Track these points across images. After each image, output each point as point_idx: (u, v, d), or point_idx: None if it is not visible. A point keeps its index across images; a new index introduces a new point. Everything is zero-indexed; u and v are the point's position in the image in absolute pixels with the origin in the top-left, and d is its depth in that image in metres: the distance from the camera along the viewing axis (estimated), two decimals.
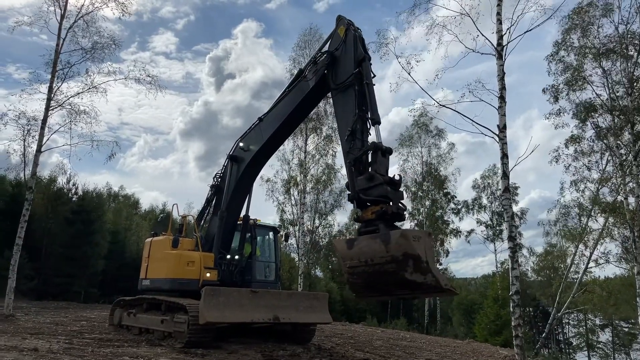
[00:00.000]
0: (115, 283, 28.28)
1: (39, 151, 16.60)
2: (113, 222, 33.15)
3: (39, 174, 24.07)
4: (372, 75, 8.69)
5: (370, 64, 8.83)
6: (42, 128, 16.67)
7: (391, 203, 7.05)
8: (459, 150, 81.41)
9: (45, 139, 16.73)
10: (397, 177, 7.32)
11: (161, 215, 28.11)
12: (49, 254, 26.85)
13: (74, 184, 30.02)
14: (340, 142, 8.54)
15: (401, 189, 7.35)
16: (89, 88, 17.58)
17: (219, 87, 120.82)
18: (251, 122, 11.73)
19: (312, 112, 20.20)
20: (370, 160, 7.55)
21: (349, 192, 7.53)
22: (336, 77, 9.10)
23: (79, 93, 17.43)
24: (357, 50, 8.83)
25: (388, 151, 7.58)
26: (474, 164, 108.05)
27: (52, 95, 16.93)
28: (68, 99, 17.34)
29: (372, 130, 8.12)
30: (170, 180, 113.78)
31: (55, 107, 17.11)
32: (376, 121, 8.03)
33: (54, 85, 17.03)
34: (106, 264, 28.94)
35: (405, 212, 7.26)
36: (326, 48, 9.81)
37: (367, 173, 7.32)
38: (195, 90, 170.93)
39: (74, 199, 29.88)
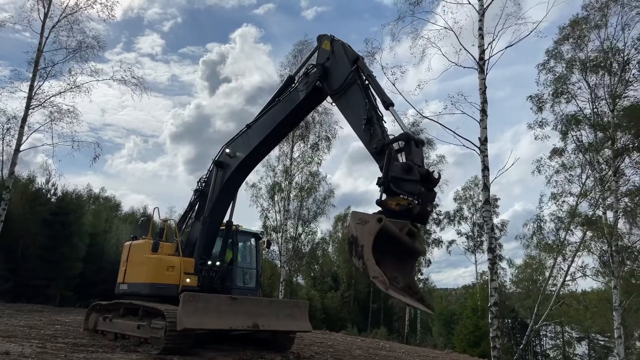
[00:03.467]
0: (92, 287, 27.75)
1: (17, 150, 16.37)
2: (92, 224, 32.60)
3: (17, 174, 23.64)
4: (370, 70, 8.64)
5: (365, 62, 8.79)
6: (22, 127, 16.46)
7: (419, 203, 6.57)
8: (448, 162, 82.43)
9: (24, 138, 16.49)
10: (435, 175, 6.80)
11: (141, 218, 27.78)
12: (26, 255, 26.28)
13: (53, 185, 29.52)
14: (359, 137, 8.10)
15: (435, 189, 6.89)
16: (72, 87, 17.39)
17: (213, 90, 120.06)
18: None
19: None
20: (403, 150, 7.15)
21: (379, 177, 6.95)
22: (332, 84, 8.97)
23: (60, 92, 17.26)
24: (349, 53, 8.84)
25: (421, 142, 7.30)
26: (462, 175, 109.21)
27: (33, 94, 16.70)
28: (49, 98, 17.15)
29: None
30: (157, 183, 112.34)
31: (36, 106, 16.90)
32: (389, 103, 7.89)
33: (36, 83, 16.82)
34: (84, 267, 28.42)
35: (430, 216, 6.88)
36: (312, 62, 9.75)
37: (405, 163, 6.85)
38: (180, 93, 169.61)
39: (52, 199, 29.35)
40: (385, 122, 8.02)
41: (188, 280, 10.84)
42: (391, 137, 7.61)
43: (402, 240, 6.36)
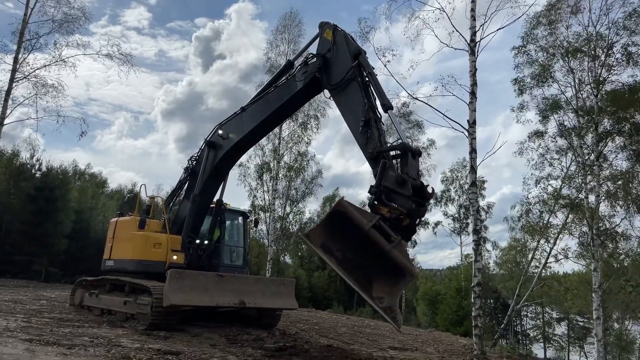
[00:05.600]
0: (78, 263, 27.68)
1: (0, 124, 16.02)
2: (78, 200, 32.33)
3: (1, 148, 23.27)
4: (372, 67, 8.38)
5: (367, 57, 8.50)
6: (6, 100, 16.11)
7: (409, 217, 6.56)
8: (440, 145, 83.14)
9: (8, 111, 16.17)
10: (429, 189, 6.75)
11: (128, 195, 27.66)
12: (10, 231, 26.06)
13: (37, 160, 29.11)
14: (354, 137, 7.93)
15: (428, 204, 6.86)
16: (57, 61, 17.03)
17: (206, 67, 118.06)
18: (237, 106, 11.29)
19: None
20: (399, 158, 7.09)
21: (372, 186, 6.90)
22: (332, 78, 8.70)
23: (45, 65, 16.89)
24: (351, 46, 8.55)
25: (418, 153, 7.14)
26: (453, 157, 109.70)
27: (18, 67, 16.33)
28: (34, 70, 16.78)
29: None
30: (148, 160, 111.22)
31: (21, 79, 16.54)
32: (388, 106, 7.70)
33: (20, 56, 16.42)
34: (69, 243, 28.28)
35: (415, 233, 6.82)
36: (308, 52, 9.52)
37: (399, 175, 6.75)
38: (168, 69, 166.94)
39: (37, 175, 28.99)
40: (383, 124, 7.90)
41: (175, 257, 10.87)
42: (388, 144, 7.54)
43: (369, 234, 6.33)
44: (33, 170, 29.00)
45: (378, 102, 7.89)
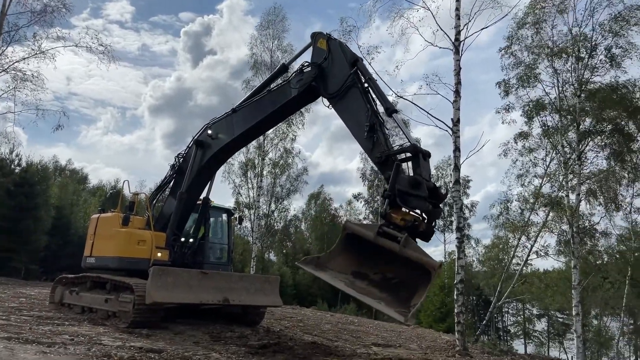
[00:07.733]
0: (58, 260, 27.22)
1: None
2: (58, 196, 31.81)
3: None
4: (370, 73, 8.38)
5: (364, 64, 8.49)
6: None
7: (425, 220, 6.62)
8: (427, 143, 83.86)
9: None
10: (442, 191, 6.85)
11: (110, 192, 27.30)
12: None
13: (17, 155, 28.51)
14: (359, 144, 7.93)
15: (441, 206, 6.93)
16: (36, 53, 16.72)
17: (195, 63, 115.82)
18: (227, 102, 11.22)
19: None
20: (409, 160, 7.08)
21: (386, 188, 6.87)
22: (329, 87, 8.63)
23: (25, 58, 16.57)
24: (348, 54, 8.54)
25: (428, 154, 7.13)
26: (439, 155, 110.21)
27: None
28: (13, 63, 16.45)
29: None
30: (134, 156, 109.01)
31: None
32: (392, 110, 7.70)
33: None
34: (49, 240, 27.79)
35: (432, 235, 6.81)
36: (299, 61, 9.48)
37: (413, 177, 6.76)
38: (151, 64, 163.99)
39: (16, 170, 28.39)
40: (387, 129, 7.89)
41: (160, 254, 10.74)
42: (396, 147, 7.54)
43: (377, 243, 6.47)
44: (12, 166, 28.38)
45: (379, 107, 7.88)
